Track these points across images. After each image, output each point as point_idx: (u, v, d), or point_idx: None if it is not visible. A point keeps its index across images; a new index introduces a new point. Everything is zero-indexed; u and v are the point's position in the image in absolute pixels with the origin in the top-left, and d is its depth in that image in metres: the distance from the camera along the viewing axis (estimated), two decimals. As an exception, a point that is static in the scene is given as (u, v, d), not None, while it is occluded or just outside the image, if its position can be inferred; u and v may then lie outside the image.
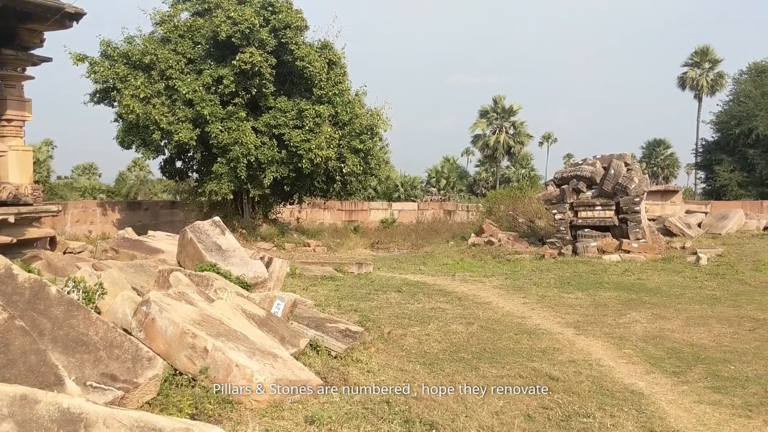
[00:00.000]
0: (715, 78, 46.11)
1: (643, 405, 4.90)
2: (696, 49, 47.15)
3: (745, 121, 27.58)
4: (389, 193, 42.06)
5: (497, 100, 51.44)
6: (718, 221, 18.16)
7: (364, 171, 19.17)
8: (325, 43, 19.15)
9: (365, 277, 11.81)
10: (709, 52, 46.63)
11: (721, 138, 29.95)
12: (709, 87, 46.26)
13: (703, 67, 46.83)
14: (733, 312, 8.70)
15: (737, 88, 30.76)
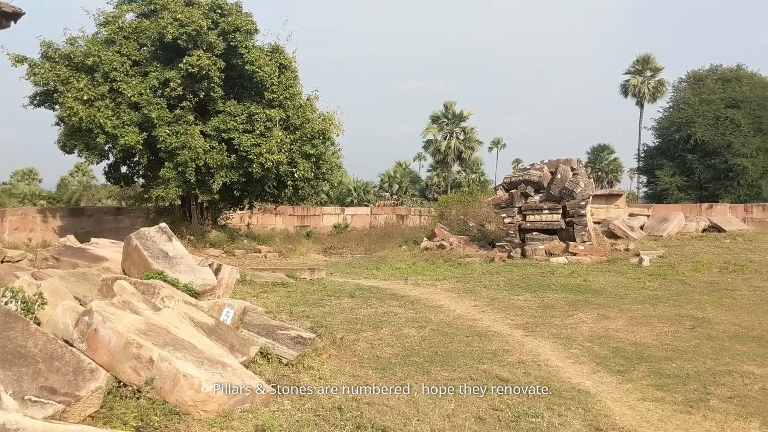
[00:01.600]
0: (656, 85, 47.99)
1: (590, 404, 5.02)
2: (638, 58, 49.03)
3: (684, 128, 28.71)
4: (342, 198, 42.03)
5: (448, 106, 52.16)
6: (660, 224, 18.86)
7: (316, 176, 19.10)
8: (276, 47, 19.02)
9: (318, 282, 11.73)
10: (651, 61, 48.51)
11: (662, 143, 31.08)
12: (651, 94, 48.10)
13: (644, 75, 48.66)
14: (674, 311, 9.02)
15: (677, 96, 31.99)
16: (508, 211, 16.33)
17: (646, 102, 48.48)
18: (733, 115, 27.92)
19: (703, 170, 28.29)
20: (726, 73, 30.72)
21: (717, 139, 27.69)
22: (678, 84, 33.33)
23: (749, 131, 27.67)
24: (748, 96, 28.44)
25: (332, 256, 19.87)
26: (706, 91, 29.51)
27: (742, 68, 30.98)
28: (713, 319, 8.43)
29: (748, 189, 27.17)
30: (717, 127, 27.95)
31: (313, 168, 18.53)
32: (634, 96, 49.06)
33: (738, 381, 5.66)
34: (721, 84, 29.82)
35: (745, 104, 28.22)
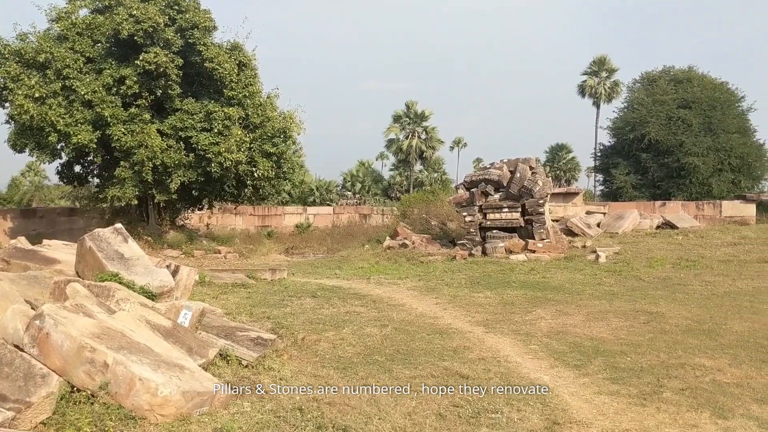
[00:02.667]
0: (612, 86, 49.11)
1: (548, 398, 5.10)
2: (594, 59, 50.09)
3: (638, 127, 29.44)
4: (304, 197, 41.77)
5: (410, 106, 52.37)
6: (615, 221, 19.32)
7: (277, 175, 18.93)
8: (235, 45, 18.78)
9: (279, 283, 11.63)
10: (606, 62, 49.63)
11: (617, 143, 31.80)
12: (607, 95, 49.23)
13: (600, 76, 49.77)
14: (629, 306, 9.25)
15: (631, 96, 32.73)
16: (469, 209, 16.50)
17: (602, 102, 49.61)
18: (685, 115, 28.76)
19: (656, 169, 29.06)
20: (678, 74, 31.63)
21: (670, 138, 28.49)
22: (632, 85, 34.15)
23: (700, 131, 28.55)
24: (699, 97, 29.35)
25: (294, 256, 19.73)
26: (659, 91, 30.33)
27: (694, 70, 31.94)
28: (666, 313, 8.68)
29: (700, 187, 28.03)
30: (669, 127, 28.75)
31: (273, 167, 18.35)
32: (590, 96, 50.15)
33: (690, 373, 5.83)
34: (674, 85, 30.68)
35: (696, 105, 29.11)
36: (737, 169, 28.53)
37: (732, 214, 22.21)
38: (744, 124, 29.92)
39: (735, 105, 30.24)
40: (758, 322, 8.09)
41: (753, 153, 29.20)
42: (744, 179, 28.74)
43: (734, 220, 21.60)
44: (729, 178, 28.32)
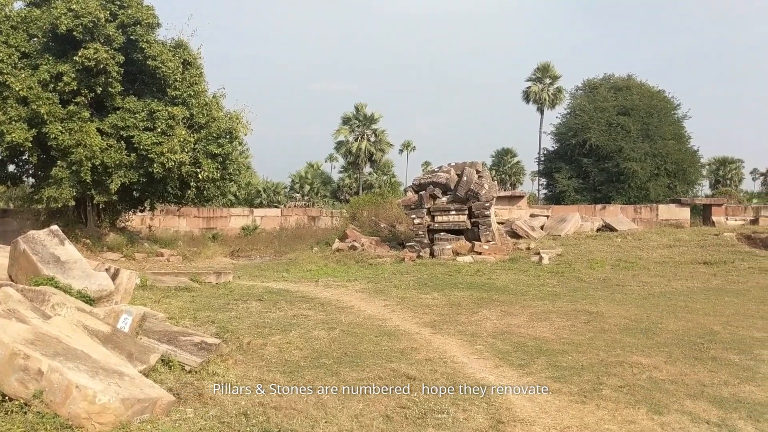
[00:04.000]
0: (555, 92, 50.53)
1: (493, 397, 5.19)
2: (538, 66, 51.46)
3: (580, 133, 30.36)
4: (251, 199, 41.17)
5: (359, 108, 52.42)
6: (558, 224, 19.85)
7: (222, 176, 18.57)
8: (180, 42, 18.35)
9: (224, 286, 11.42)
10: (550, 69, 51.02)
11: (560, 148, 32.71)
12: (550, 101, 50.60)
13: (544, 83, 51.11)
14: (571, 306, 9.51)
15: (573, 103, 33.74)
16: (418, 212, 16.63)
17: (545, 108, 50.96)
18: (624, 121, 29.83)
19: (597, 173, 30.03)
20: (618, 82, 32.78)
21: (610, 144, 29.49)
22: (575, 91, 35.24)
23: (638, 137, 29.66)
24: (638, 104, 30.50)
25: (240, 259, 19.43)
26: (600, 98, 31.36)
27: (633, 78, 33.18)
28: (606, 313, 8.97)
29: (638, 191, 29.13)
30: (610, 132, 29.77)
31: (219, 168, 18.00)
32: (535, 102, 51.43)
33: (628, 371, 6.04)
34: (614, 92, 31.78)
35: (635, 112, 30.24)
36: (673, 174, 29.80)
37: (668, 217, 23.17)
38: (679, 131, 31.29)
39: (671, 112, 31.60)
40: (692, 321, 8.46)
41: (687, 159, 30.56)
42: (679, 184, 30.05)
43: (670, 223, 22.53)
44: (665, 183, 29.55)
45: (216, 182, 18.64)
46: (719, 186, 50.18)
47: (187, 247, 19.68)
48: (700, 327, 8.03)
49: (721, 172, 53.26)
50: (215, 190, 19.30)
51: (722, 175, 53.03)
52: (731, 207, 24.35)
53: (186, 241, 21.19)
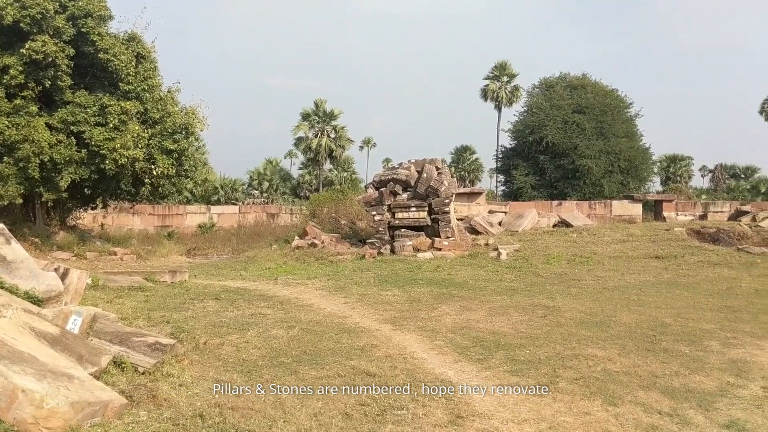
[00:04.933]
0: (512, 90, 51.19)
1: (452, 392, 5.21)
2: (496, 64, 52.01)
3: (537, 130, 30.83)
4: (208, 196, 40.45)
5: (319, 104, 52.02)
6: (516, 220, 20.14)
7: (177, 173, 18.18)
8: (133, 35, 17.87)
9: (180, 285, 11.17)
10: (507, 67, 51.67)
11: (518, 145, 33.15)
12: (507, 99, 51.25)
13: (501, 81, 51.73)
14: (528, 301, 9.65)
15: (530, 101, 34.21)
16: (378, 208, 16.62)
17: (503, 106, 51.59)
18: (579, 119, 30.43)
19: (553, 170, 30.55)
20: (573, 81, 33.41)
21: (565, 141, 30.04)
22: (531, 90, 35.72)
23: (593, 135, 30.30)
24: (592, 102, 31.15)
25: (197, 258, 19.08)
26: (556, 97, 31.91)
27: (587, 77, 33.86)
28: (562, 307, 9.13)
29: (592, 187, 29.76)
30: (565, 130, 30.33)
31: (174, 164, 17.61)
32: (492, 100, 52.01)
33: (583, 363, 6.15)
34: (569, 91, 32.38)
35: (590, 110, 30.88)
36: (626, 170, 30.54)
37: (621, 213, 23.76)
38: (632, 129, 32.09)
39: (624, 111, 32.38)
40: (644, 314, 8.68)
41: (639, 156, 31.37)
42: (632, 180, 30.82)
43: (623, 219, 23.11)
44: (618, 180, 30.27)
45: (171, 179, 18.25)
46: (670, 183, 51.73)
47: (142, 245, 19.20)
48: (652, 319, 8.25)
49: (672, 169, 54.93)
50: (170, 187, 18.92)
51: (673, 172, 54.69)
52: (681, 203, 25.14)
53: (140, 240, 20.68)
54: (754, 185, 51.09)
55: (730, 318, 8.40)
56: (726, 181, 57.39)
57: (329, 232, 18.91)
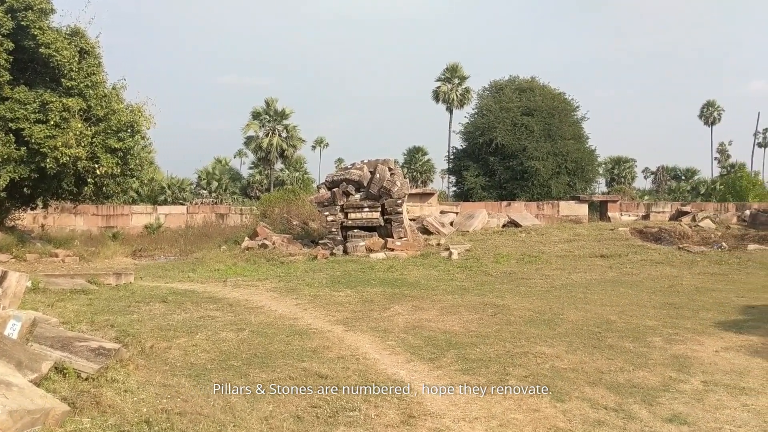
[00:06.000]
0: (463, 93, 51.86)
1: (404, 392, 5.22)
2: (447, 66, 52.59)
3: (487, 132, 31.28)
4: (154, 195, 39.45)
5: (270, 103, 51.39)
6: (467, 220, 20.41)
7: (123, 172, 17.64)
8: (76, 30, 17.24)
9: (125, 288, 10.85)
10: (458, 69, 52.30)
11: (469, 147, 33.55)
12: (459, 101, 51.89)
13: (453, 83, 52.33)
14: (479, 300, 9.79)
15: (480, 103, 34.66)
16: (331, 209, 16.55)
17: (454, 108, 52.21)
18: (528, 122, 31.03)
19: (503, 171, 31.04)
20: (522, 83, 34.04)
21: (514, 143, 30.58)
22: (482, 92, 36.22)
23: (541, 137, 30.95)
24: (540, 105, 31.81)
25: (143, 259, 18.57)
26: (506, 99, 32.44)
27: (536, 80, 34.55)
28: (511, 305, 9.29)
29: (540, 188, 30.39)
30: (514, 132, 30.87)
31: (119, 163, 17.08)
32: (444, 102, 52.56)
33: (532, 361, 6.27)
34: (518, 93, 32.96)
35: (538, 113, 31.53)
36: (572, 172, 31.32)
37: (568, 213, 24.39)
38: (578, 132, 32.93)
39: (571, 114, 33.20)
40: (590, 311, 8.93)
41: (586, 158, 32.23)
42: (578, 181, 31.62)
43: (570, 219, 23.72)
44: (565, 181, 31.00)
45: (116, 178, 17.70)
46: (614, 184, 53.35)
47: (85, 246, 18.55)
48: (598, 317, 8.48)
49: (616, 170, 56.62)
50: (115, 186, 18.33)
51: (617, 174, 56.37)
52: (625, 203, 25.99)
53: (83, 241, 19.98)
54: (694, 186, 53.33)
55: (672, 315, 8.72)
56: (667, 182, 59.58)
57: (281, 232, 18.71)
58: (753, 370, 6.04)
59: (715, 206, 25.27)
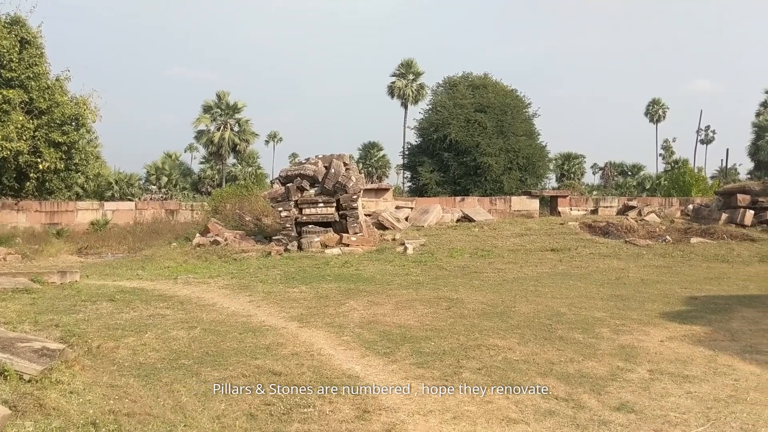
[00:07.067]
0: (418, 88, 52.13)
1: (359, 388, 5.21)
2: (402, 62, 52.74)
3: (441, 128, 31.50)
4: (101, 191, 38.26)
5: (221, 96, 50.52)
6: (422, 215, 20.52)
7: (67, 167, 17.08)
8: (16, 19, 16.56)
9: (70, 287, 10.48)
10: (413, 65, 52.54)
11: (423, 142, 33.73)
12: (413, 96, 52.15)
13: (408, 78, 52.55)
14: (433, 294, 9.86)
15: (435, 99, 34.87)
16: (285, 204, 16.37)
17: (409, 103, 52.44)
18: (481, 118, 31.40)
19: (456, 167, 31.34)
20: (475, 80, 34.40)
21: (468, 139, 30.90)
22: (436, 88, 36.44)
23: (493, 133, 31.37)
24: (493, 102, 32.22)
25: (89, 257, 17.99)
26: (459, 96, 32.73)
27: (489, 77, 34.97)
28: (465, 299, 9.39)
29: (493, 184, 30.82)
30: (468, 129, 31.19)
31: (63, 158, 16.53)
32: (399, 97, 52.74)
33: (485, 353, 6.35)
34: (472, 90, 33.31)
35: (491, 109, 31.93)
36: (524, 168, 31.87)
37: (520, 208, 24.82)
38: (530, 128, 33.52)
39: (523, 110, 33.76)
40: (541, 303, 9.11)
41: (537, 154, 32.83)
42: (529, 177, 32.21)
43: (521, 214, 24.15)
44: (517, 176, 31.53)
45: (60, 173, 17.13)
46: (564, 179, 54.60)
47: (28, 244, 17.83)
48: (549, 309, 8.66)
49: (566, 166, 58.00)
50: (59, 182, 17.73)
51: (567, 169, 57.75)
52: (575, 198, 26.62)
53: (26, 238, 19.19)
54: (640, 182, 55.14)
55: (620, 306, 8.98)
56: (615, 178, 61.40)
57: (233, 228, 18.41)
58: (696, 358, 6.27)
59: (660, 201, 26.15)
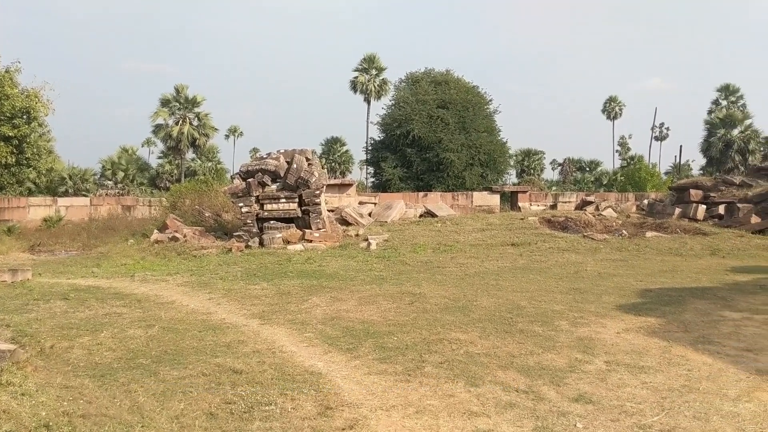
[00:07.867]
0: (381, 84, 52.08)
1: (321, 384, 5.18)
2: (365, 57, 52.58)
3: (404, 124, 31.55)
4: (54, 187, 37.14)
5: (180, 90, 49.44)
6: (385, 211, 20.54)
7: (18, 162, 16.48)
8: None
9: (22, 285, 10.14)
10: (376, 60, 52.43)
11: (386, 138, 33.72)
12: (376, 92, 52.07)
13: (370, 74, 52.43)
14: (396, 289, 9.87)
15: (397, 95, 34.87)
16: (246, 200, 16.16)
17: (372, 99, 52.33)
18: (443, 114, 31.56)
19: (419, 163, 31.45)
20: (438, 76, 34.53)
21: (430, 135, 31.04)
22: (399, 84, 36.45)
23: (456, 129, 31.57)
24: (455, 98, 32.42)
25: (42, 254, 17.43)
26: (422, 91, 32.82)
27: (451, 73, 35.15)
28: (428, 294, 9.44)
29: (455, 179, 31.03)
30: (430, 124, 31.32)
31: (13, 152, 15.95)
32: (362, 93, 52.57)
33: (447, 347, 6.39)
34: (434, 86, 33.42)
35: (453, 105, 32.12)
36: (485, 164, 32.18)
37: (481, 203, 25.09)
38: (491, 124, 33.86)
39: (484, 107, 34.06)
40: (502, 297, 9.22)
41: (498, 150, 33.20)
42: (490, 173, 32.54)
43: (483, 209, 24.42)
44: (478, 172, 31.83)
45: (10, 168, 16.55)
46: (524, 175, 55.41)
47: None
48: (509, 303, 8.77)
49: (526, 162, 58.81)
50: (9, 177, 17.13)
51: (527, 165, 58.56)
52: (534, 194, 27.05)
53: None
54: (597, 177, 56.37)
55: (578, 299, 9.16)
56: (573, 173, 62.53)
57: (192, 225, 18.09)
58: (651, 349, 6.44)
59: (616, 196, 26.77)
